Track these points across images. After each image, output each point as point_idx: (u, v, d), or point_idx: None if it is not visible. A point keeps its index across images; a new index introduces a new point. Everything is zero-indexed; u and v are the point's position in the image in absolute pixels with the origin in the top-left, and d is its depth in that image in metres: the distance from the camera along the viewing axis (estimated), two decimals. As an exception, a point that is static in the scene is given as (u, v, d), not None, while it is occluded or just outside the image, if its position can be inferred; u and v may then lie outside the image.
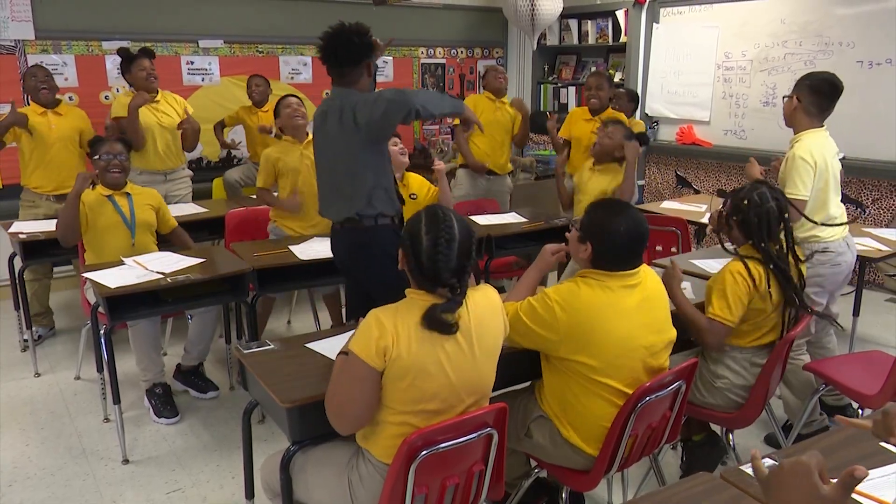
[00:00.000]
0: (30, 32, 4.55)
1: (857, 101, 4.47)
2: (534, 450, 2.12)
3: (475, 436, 1.73)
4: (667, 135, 6.02)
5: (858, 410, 2.90)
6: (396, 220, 2.68)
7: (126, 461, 2.86)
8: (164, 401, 3.20)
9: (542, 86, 6.87)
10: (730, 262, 2.36)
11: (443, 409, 1.71)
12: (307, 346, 2.17)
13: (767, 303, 2.31)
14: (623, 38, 6.15)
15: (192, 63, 5.19)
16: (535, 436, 2.08)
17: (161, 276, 2.84)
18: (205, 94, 5.22)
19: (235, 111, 4.98)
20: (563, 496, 2.14)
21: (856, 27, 4.75)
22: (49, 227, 3.49)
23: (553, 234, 3.65)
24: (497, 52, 6.85)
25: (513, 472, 2.20)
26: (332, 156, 2.65)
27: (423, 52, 6.34)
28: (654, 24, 5.89)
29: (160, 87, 4.24)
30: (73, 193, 3.09)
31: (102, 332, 2.88)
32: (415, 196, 3.54)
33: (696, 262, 3.02)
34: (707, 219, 3.86)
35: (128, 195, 3.27)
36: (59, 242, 3.23)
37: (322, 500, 1.87)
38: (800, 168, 2.82)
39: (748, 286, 2.27)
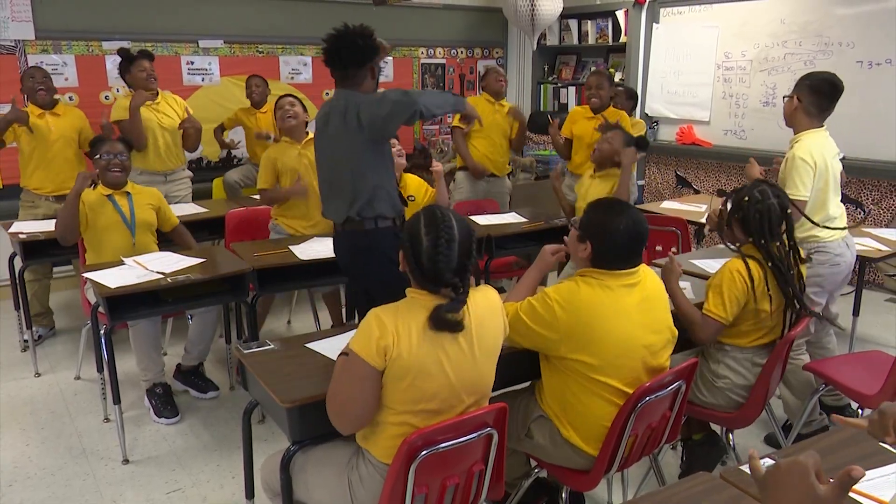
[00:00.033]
0: (30, 32, 4.56)
1: (857, 101, 4.48)
2: (534, 450, 2.12)
3: (475, 436, 1.73)
4: (667, 135, 6.03)
5: (858, 410, 2.90)
6: (398, 222, 2.68)
7: (126, 461, 2.86)
8: (165, 401, 3.21)
9: (542, 86, 6.87)
10: (730, 260, 2.36)
11: (443, 410, 1.72)
12: (307, 346, 2.17)
13: (767, 303, 2.31)
14: (623, 38, 6.15)
15: (192, 63, 5.19)
16: (536, 436, 2.08)
17: (161, 276, 2.84)
18: (205, 94, 5.22)
19: (234, 113, 4.97)
20: (563, 496, 2.14)
21: (856, 27, 4.75)
22: (49, 227, 3.49)
23: (553, 234, 3.66)
24: (497, 53, 6.85)
25: (513, 472, 2.20)
26: (334, 156, 2.66)
27: (423, 52, 6.35)
28: (654, 24, 5.89)
29: (160, 88, 4.24)
30: (74, 193, 3.09)
31: (102, 332, 2.88)
32: (412, 198, 3.54)
33: (696, 262, 3.02)
34: (706, 219, 3.86)
35: (128, 194, 3.27)
36: (59, 241, 3.24)
37: (322, 500, 1.87)
38: (799, 168, 2.82)
39: (746, 286, 2.27)
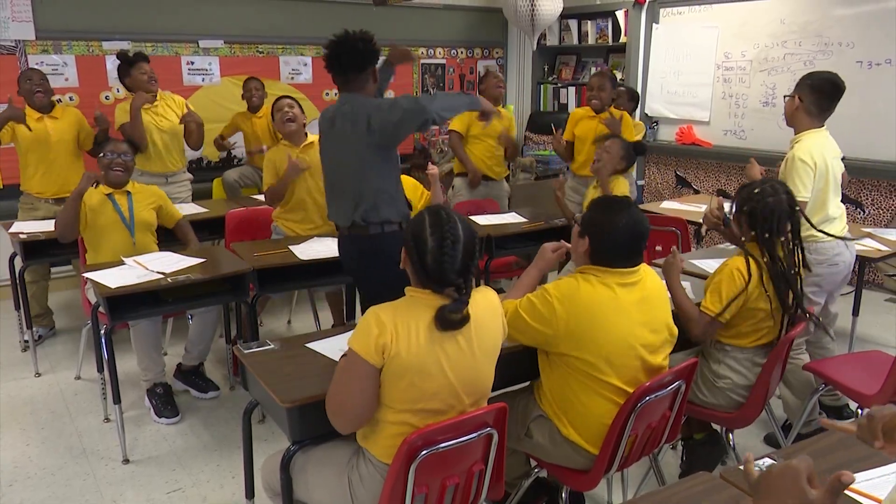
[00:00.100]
0: (30, 33, 4.56)
1: (857, 101, 4.47)
2: (533, 449, 2.12)
3: (475, 436, 1.73)
4: (667, 135, 6.03)
5: (858, 410, 2.91)
6: (403, 226, 2.67)
7: (126, 461, 2.86)
8: (165, 400, 3.21)
9: (542, 86, 6.87)
10: (731, 258, 2.36)
11: (442, 410, 1.72)
12: (307, 346, 2.18)
13: (766, 302, 2.31)
14: (623, 39, 6.15)
15: (193, 63, 5.19)
16: (535, 435, 2.09)
17: (161, 276, 2.84)
18: (205, 95, 5.22)
19: (231, 119, 4.96)
20: (563, 496, 2.15)
21: (855, 27, 4.76)
22: (49, 228, 3.50)
23: (553, 234, 3.66)
24: (497, 53, 6.85)
25: (513, 472, 2.20)
26: (340, 159, 2.66)
27: (423, 53, 6.34)
28: (654, 25, 5.89)
29: (159, 88, 4.24)
30: (77, 192, 3.11)
31: (103, 332, 2.89)
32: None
33: (696, 262, 3.03)
34: (703, 218, 3.85)
35: (128, 194, 3.27)
36: (57, 239, 3.25)
37: (322, 500, 1.87)
38: (799, 169, 2.82)
39: (744, 285, 2.27)
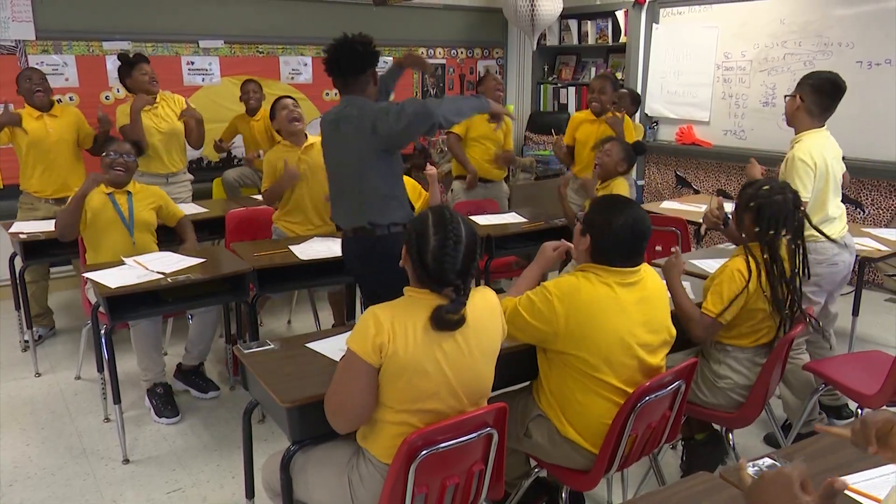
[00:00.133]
0: (30, 33, 4.56)
1: (857, 101, 4.47)
2: (533, 449, 2.12)
3: (475, 435, 1.73)
4: (666, 135, 6.03)
5: (858, 410, 2.91)
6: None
7: (126, 461, 2.86)
8: (165, 400, 3.21)
9: (542, 86, 6.87)
10: (731, 259, 2.36)
11: (441, 410, 1.72)
12: (307, 346, 2.18)
13: (765, 302, 2.31)
14: (623, 39, 6.15)
15: (193, 63, 5.20)
16: (534, 435, 2.09)
17: (161, 276, 2.84)
18: (205, 95, 5.22)
19: (230, 122, 4.95)
20: (563, 496, 2.15)
21: (855, 27, 4.76)
22: (49, 228, 3.50)
23: (553, 234, 3.66)
24: (497, 53, 6.85)
25: (513, 472, 2.20)
26: (345, 163, 2.66)
27: (423, 53, 6.33)
28: (654, 25, 5.89)
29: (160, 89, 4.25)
30: (80, 193, 3.13)
31: (103, 332, 2.89)
32: None
33: (696, 262, 3.03)
34: (703, 217, 3.85)
35: (128, 193, 3.28)
36: (57, 238, 3.25)
37: (322, 500, 1.88)
38: (799, 169, 2.82)
39: (744, 284, 2.27)
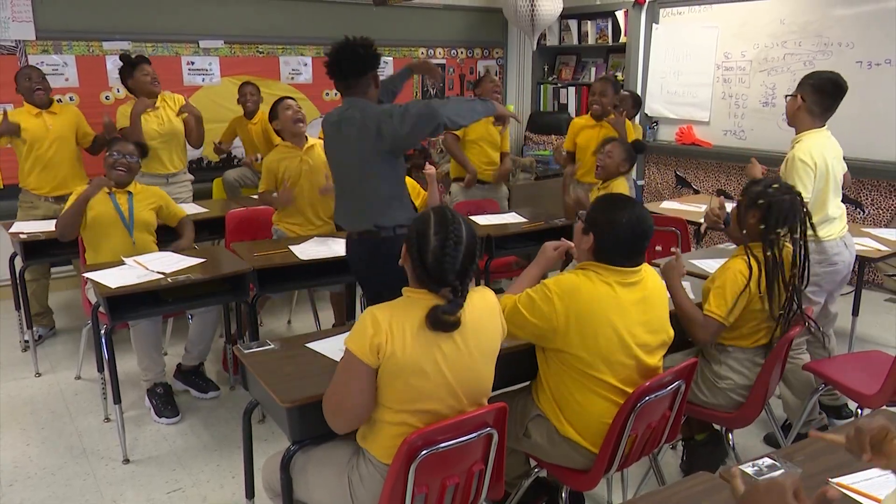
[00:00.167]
0: (31, 33, 4.56)
1: (857, 102, 4.46)
2: (532, 449, 2.12)
3: (475, 435, 1.73)
4: (666, 135, 6.03)
5: (858, 410, 2.91)
6: None
7: (126, 461, 2.86)
8: (165, 400, 3.21)
9: (542, 86, 6.87)
10: (732, 260, 2.35)
11: (441, 411, 1.72)
12: (307, 346, 2.18)
13: (767, 303, 2.31)
14: (623, 39, 6.15)
15: (193, 63, 5.20)
16: (533, 435, 2.09)
17: (162, 276, 2.84)
18: (205, 95, 5.22)
19: (229, 125, 4.95)
20: (563, 496, 2.15)
21: (855, 27, 4.76)
22: (49, 228, 3.50)
23: (553, 234, 3.65)
24: (497, 53, 6.86)
25: (513, 472, 2.21)
26: (348, 166, 2.66)
27: (423, 53, 6.34)
28: (654, 25, 5.89)
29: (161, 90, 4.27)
30: (83, 196, 3.14)
31: (103, 332, 2.89)
32: None
33: (696, 262, 3.03)
34: (704, 217, 3.85)
35: (129, 194, 3.28)
36: (57, 237, 3.26)
37: (322, 500, 1.88)
38: (799, 170, 2.83)
39: (748, 286, 2.27)
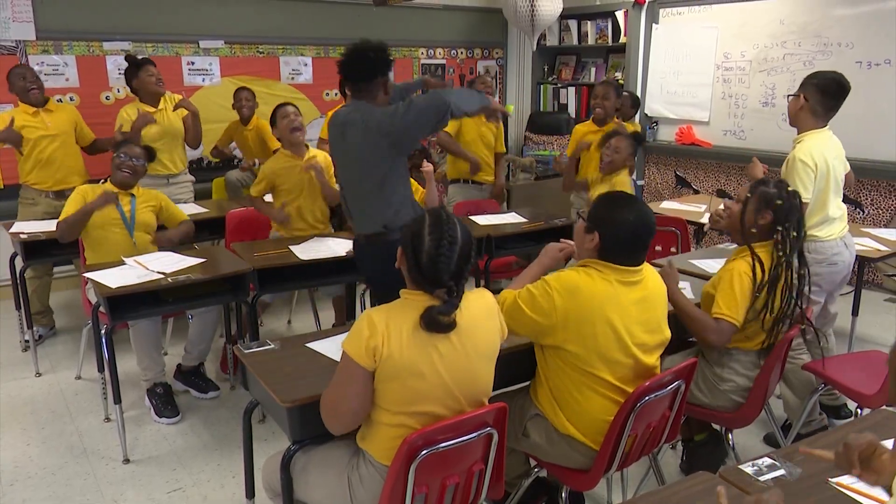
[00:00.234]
0: (31, 33, 4.56)
1: (857, 102, 4.43)
2: (531, 449, 2.13)
3: (475, 435, 1.74)
4: (666, 135, 6.03)
5: (857, 410, 2.91)
6: None
7: (127, 460, 2.86)
8: (165, 400, 3.21)
9: (542, 86, 6.88)
10: (735, 261, 2.35)
11: (439, 413, 1.71)
12: (307, 346, 2.18)
13: (772, 303, 2.30)
14: (623, 39, 6.15)
15: (193, 63, 5.20)
16: (532, 435, 2.09)
17: (162, 276, 2.85)
18: (205, 95, 5.22)
19: (225, 130, 4.94)
20: (563, 495, 2.15)
21: (855, 28, 4.76)
22: (50, 228, 3.50)
23: (553, 234, 3.66)
24: (497, 53, 6.86)
25: (512, 472, 2.21)
26: (355, 170, 2.66)
27: (424, 53, 6.35)
28: (654, 25, 5.89)
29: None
30: (89, 208, 3.16)
31: (103, 332, 2.89)
32: None
33: (696, 262, 3.03)
34: (706, 219, 3.87)
35: (132, 196, 3.30)
36: (57, 238, 3.26)
37: (322, 500, 1.88)
38: (800, 171, 2.83)
39: (753, 287, 2.27)
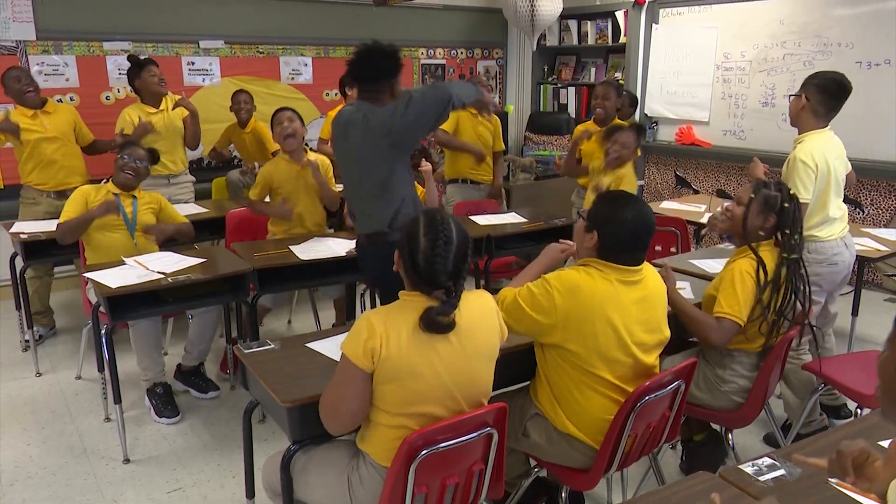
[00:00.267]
0: (31, 33, 4.56)
1: (857, 102, 4.43)
2: (531, 449, 2.13)
3: (475, 435, 1.74)
4: (666, 135, 6.03)
5: (857, 410, 2.91)
6: None
7: (127, 460, 2.86)
8: (165, 400, 3.21)
9: (542, 86, 6.88)
10: (737, 261, 2.35)
11: (438, 414, 1.71)
12: (307, 346, 2.18)
13: (774, 304, 2.30)
14: (623, 39, 6.15)
15: (193, 64, 5.20)
16: (532, 434, 2.09)
17: (162, 276, 2.85)
18: (206, 95, 5.22)
19: (223, 133, 4.93)
20: (563, 495, 2.15)
21: (855, 28, 4.76)
22: (50, 227, 3.50)
23: (553, 234, 3.66)
24: (497, 53, 6.86)
25: (512, 472, 2.21)
26: (357, 169, 2.66)
27: (424, 53, 6.35)
28: (654, 25, 5.90)
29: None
30: (92, 215, 3.15)
31: (103, 332, 2.89)
32: None
33: (696, 262, 3.04)
34: (706, 219, 3.87)
35: (134, 198, 3.31)
36: (57, 239, 3.26)
37: (322, 501, 1.88)
38: (800, 171, 2.83)
39: (756, 287, 2.27)
